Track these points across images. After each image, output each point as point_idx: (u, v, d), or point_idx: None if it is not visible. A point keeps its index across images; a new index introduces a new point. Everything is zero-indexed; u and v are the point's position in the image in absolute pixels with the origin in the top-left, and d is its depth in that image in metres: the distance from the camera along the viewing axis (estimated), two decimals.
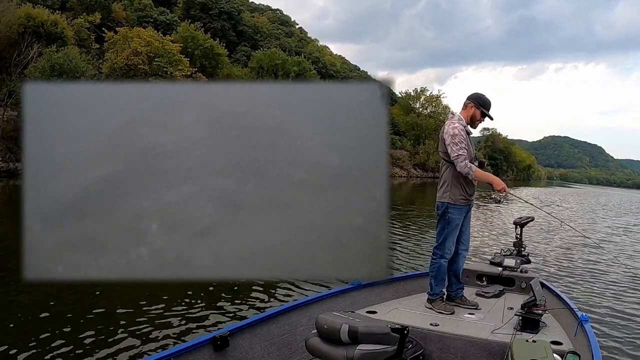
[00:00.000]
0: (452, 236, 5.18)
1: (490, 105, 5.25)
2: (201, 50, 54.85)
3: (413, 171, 77.91)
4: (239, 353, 3.87)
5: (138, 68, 43.49)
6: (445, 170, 5.24)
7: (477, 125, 5.28)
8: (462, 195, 5.16)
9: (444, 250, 5.20)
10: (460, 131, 5.05)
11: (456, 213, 5.16)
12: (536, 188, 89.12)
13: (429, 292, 5.28)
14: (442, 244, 5.21)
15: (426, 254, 12.91)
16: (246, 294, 8.00)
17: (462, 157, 4.99)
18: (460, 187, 5.15)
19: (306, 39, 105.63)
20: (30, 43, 37.37)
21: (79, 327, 6.24)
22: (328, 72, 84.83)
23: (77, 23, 47.73)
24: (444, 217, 5.20)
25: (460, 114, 5.24)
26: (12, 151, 31.32)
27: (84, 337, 5.87)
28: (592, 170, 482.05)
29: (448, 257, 5.24)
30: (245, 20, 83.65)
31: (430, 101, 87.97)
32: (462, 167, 5.00)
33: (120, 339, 5.90)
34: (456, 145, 5.02)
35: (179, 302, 7.37)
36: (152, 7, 67.94)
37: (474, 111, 5.19)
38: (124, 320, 6.52)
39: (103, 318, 6.63)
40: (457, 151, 5.01)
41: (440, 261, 5.22)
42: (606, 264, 13.19)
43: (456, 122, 5.14)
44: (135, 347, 5.71)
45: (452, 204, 5.15)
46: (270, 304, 7.45)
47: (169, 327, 6.37)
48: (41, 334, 5.89)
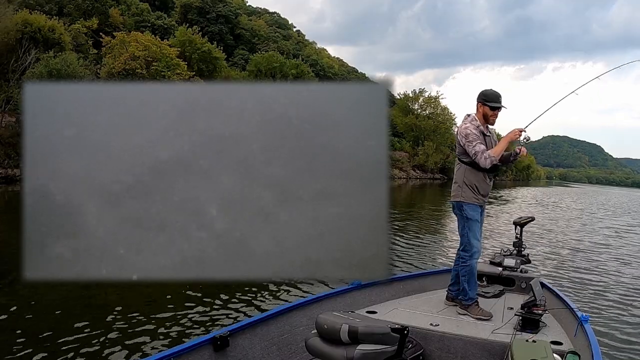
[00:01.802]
0: (474, 233, 5.15)
1: (496, 96, 5.17)
2: (199, 54, 54.80)
3: (412, 173, 77.82)
4: (239, 353, 3.87)
5: (136, 72, 43.47)
6: (458, 171, 5.26)
7: (494, 121, 5.23)
8: (475, 196, 5.16)
9: (471, 250, 5.14)
10: (473, 130, 5.05)
11: (471, 209, 5.15)
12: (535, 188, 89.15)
13: (463, 298, 5.18)
14: (468, 243, 5.16)
15: (426, 254, 12.94)
16: (246, 294, 8.02)
17: (480, 153, 4.97)
18: (472, 189, 5.15)
19: (304, 42, 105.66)
20: (28, 49, 37.35)
21: (79, 327, 6.26)
22: (326, 75, 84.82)
23: (75, 28, 47.67)
24: (462, 215, 5.20)
25: (475, 115, 5.22)
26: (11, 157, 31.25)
27: (84, 337, 5.89)
28: (591, 170, 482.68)
29: (477, 256, 5.18)
30: (243, 24, 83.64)
31: (428, 102, 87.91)
32: (484, 162, 4.99)
33: (120, 338, 5.93)
34: (471, 144, 5.02)
35: (179, 302, 7.39)
36: (149, 12, 67.90)
37: (483, 109, 5.17)
38: (124, 320, 6.55)
39: (103, 318, 6.66)
40: (474, 148, 5.00)
41: (471, 262, 5.14)
42: (606, 263, 13.21)
43: (467, 123, 5.15)
44: (136, 347, 5.73)
45: (467, 202, 5.15)
46: (270, 304, 7.45)
47: (169, 327, 6.38)
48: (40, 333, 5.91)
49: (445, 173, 78.00)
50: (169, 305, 7.21)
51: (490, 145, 5.17)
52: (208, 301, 7.52)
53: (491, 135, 5.30)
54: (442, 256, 12.78)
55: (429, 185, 65.10)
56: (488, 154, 4.97)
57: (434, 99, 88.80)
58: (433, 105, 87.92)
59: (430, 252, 13.47)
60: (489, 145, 5.16)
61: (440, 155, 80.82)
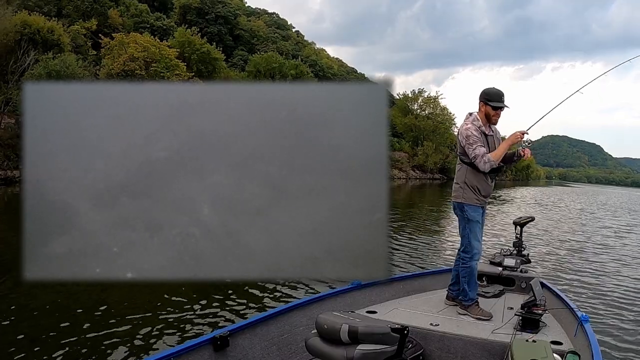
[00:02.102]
0: (475, 234, 5.13)
1: (499, 95, 5.08)
2: (198, 55, 54.74)
3: (412, 173, 77.75)
4: (239, 353, 3.87)
5: (135, 73, 43.41)
6: (459, 171, 5.23)
7: (496, 120, 5.15)
8: (476, 197, 5.14)
9: (471, 251, 5.12)
10: (474, 131, 5.00)
11: (472, 210, 5.13)
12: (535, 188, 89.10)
13: (464, 298, 5.17)
14: (469, 244, 5.14)
15: (426, 253, 12.93)
16: (246, 294, 8.02)
17: (480, 157, 4.94)
18: (473, 190, 5.12)
19: (303, 42, 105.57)
20: (27, 50, 37.29)
21: (79, 327, 6.27)
22: (325, 75, 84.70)
23: (74, 30, 47.62)
24: (463, 216, 5.18)
25: (477, 115, 5.16)
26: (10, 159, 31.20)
27: (84, 337, 5.90)
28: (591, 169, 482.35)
29: (477, 257, 5.16)
30: (242, 25, 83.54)
31: (428, 102, 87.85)
32: (483, 166, 4.96)
33: (120, 338, 5.93)
34: (471, 146, 4.99)
35: (179, 302, 7.39)
36: (148, 13, 67.85)
37: (485, 109, 5.10)
38: (124, 320, 6.54)
39: (103, 318, 6.66)
40: (474, 151, 4.97)
41: (471, 264, 5.13)
42: (607, 263, 13.20)
43: (469, 123, 5.09)
44: (136, 347, 5.73)
45: (468, 204, 5.13)
46: (270, 304, 7.45)
47: (169, 327, 6.38)
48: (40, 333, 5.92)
49: (445, 173, 77.98)
50: (168, 306, 7.21)
51: (493, 145, 5.13)
52: (208, 301, 7.52)
53: (495, 134, 5.23)
54: (442, 256, 12.76)
55: (429, 185, 65.04)
56: (488, 157, 4.94)
57: (433, 99, 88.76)
58: (432, 106, 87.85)
59: (430, 252, 13.46)
60: (492, 145, 5.12)
61: (440, 155, 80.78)
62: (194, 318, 6.76)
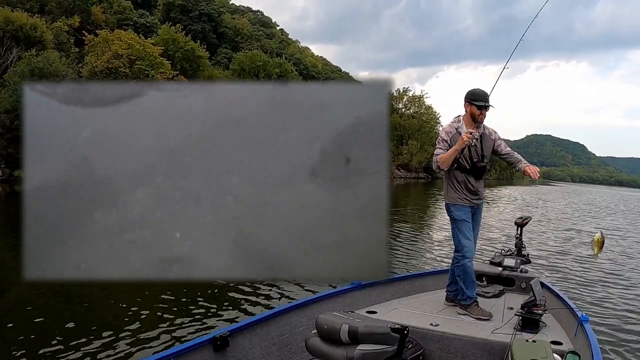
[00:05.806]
0: (463, 233, 5.18)
1: (481, 94, 5.16)
2: (182, 53, 54.59)
3: (397, 172, 78.09)
4: (239, 353, 3.87)
5: (119, 71, 43.16)
6: (445, 172, 5.29)
7: (482, 119, 5.19)
8: (459, 196, 5.22)
9: (462, 250, 5.17)
10: (443, 133, 5.18)
11: (457, 210, 5.21)
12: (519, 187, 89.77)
13: (462, 298, 5.20)
14: (459, 243, 5.21)
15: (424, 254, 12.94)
16: (246, 294, 8.05)
17: (434, 156, 5.12)
18: (454, 190, 5.23)
19: (287, 41, 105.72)
20: (9, 47, 37.04)
21: (78, 327, 6.28)
22: (310, 74, 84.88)
23: (57, 26, 47.21)
24: (450, 216, 5.30)
25: (462, 117, 5.24)
26: None
27: (83, 337, 5.87)
28: (575, 168, 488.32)
29: (470, 255, 5.18)
30: (226, 22, 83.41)
31: (413, 101, 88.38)
32: (434, 165, 5.15)
33: (120, 338, 5.92)
34: (435, 148, 5.21)
35: (179, 302, 7.44)
36: (131, 10, 67.50)
37: (470, 109, 5.17)
38: (124, 320, 6.54)
39: (103, 318, 6.70)
40: (434, 152, 5.17)
41: (464, 262, 5.15)
42: (606, 263, 13.26)
43: (447, 125, 5.28)
44: (135, 347, 5.71)
45: (453, 204, 5.24)
46: (270, 304, 7.49)
47: (169, 327, 6.39)
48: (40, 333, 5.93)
49: (430, 172, 78.41)
50: (168, 306, 7.24)
51: (486, 144, 5.22)
52: (208, 301, 7.54)
53: (490, 134, 5.29)
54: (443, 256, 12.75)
55: (414, 184, 65.35)
56: (437, 158, 5.08)
57: (418, 98, 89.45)
58: (417, 104, 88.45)
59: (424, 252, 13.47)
60: (485, 144, 5.21)
61: (425, 154, 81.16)
62: (194, 318, 6.76)
